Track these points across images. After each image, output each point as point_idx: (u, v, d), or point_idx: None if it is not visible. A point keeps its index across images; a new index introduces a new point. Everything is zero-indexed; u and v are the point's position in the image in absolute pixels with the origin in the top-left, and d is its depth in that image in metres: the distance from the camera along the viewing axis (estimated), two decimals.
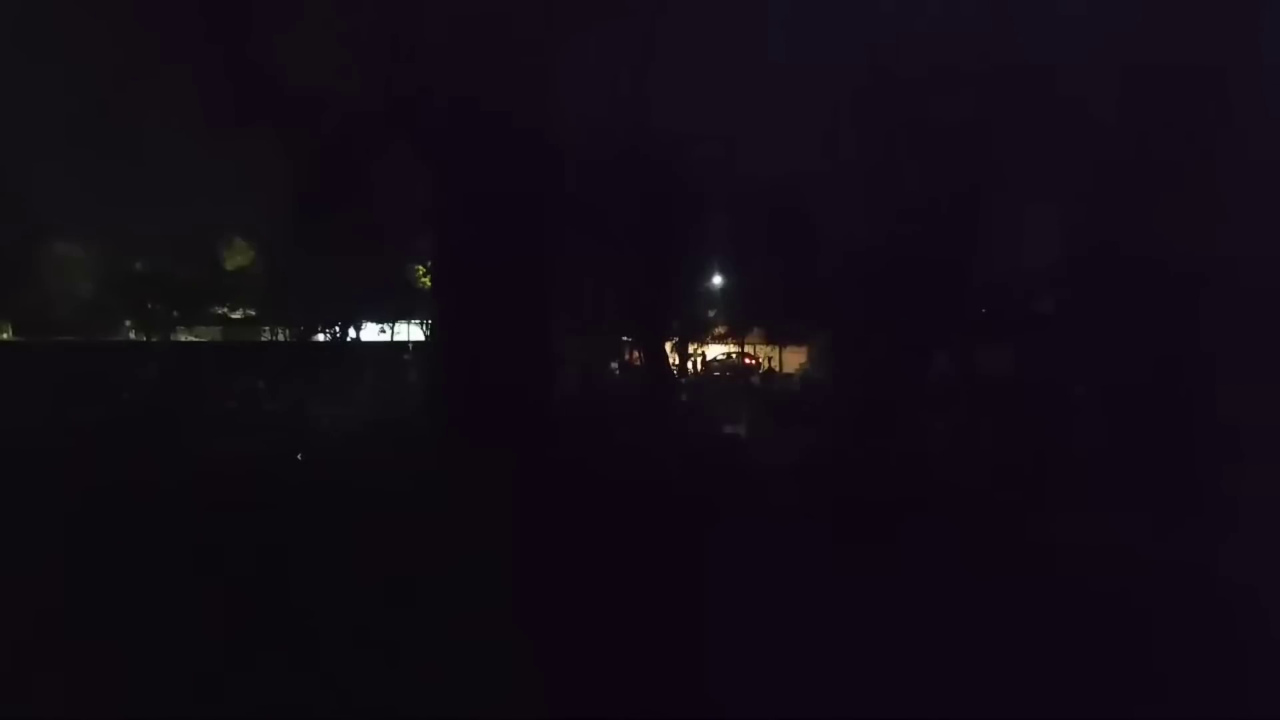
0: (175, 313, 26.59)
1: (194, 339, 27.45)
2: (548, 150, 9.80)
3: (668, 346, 22.98)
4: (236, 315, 28.37)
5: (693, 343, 27.44)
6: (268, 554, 6.19)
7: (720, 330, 29.17)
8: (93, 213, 19.82)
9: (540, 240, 9.85)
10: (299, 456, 10.90)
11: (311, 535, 6.77)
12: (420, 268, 20.37)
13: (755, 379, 26.14)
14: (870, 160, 12.93)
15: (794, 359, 27.65)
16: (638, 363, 21.70)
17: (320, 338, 20.82)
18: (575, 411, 14.32)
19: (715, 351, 30.16)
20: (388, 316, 23.24)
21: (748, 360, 29.55)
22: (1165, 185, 9.87)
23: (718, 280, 26.00)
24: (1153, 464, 9.02)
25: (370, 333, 23.17)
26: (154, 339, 25.14)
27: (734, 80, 12.34)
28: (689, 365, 27.03)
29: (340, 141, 12.07)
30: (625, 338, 22.29)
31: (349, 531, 6.85)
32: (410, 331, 23.40)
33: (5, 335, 25.43)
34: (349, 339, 20.92)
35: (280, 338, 23.71)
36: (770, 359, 29.23)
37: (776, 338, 28.05)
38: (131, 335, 26.42)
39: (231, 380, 16.58)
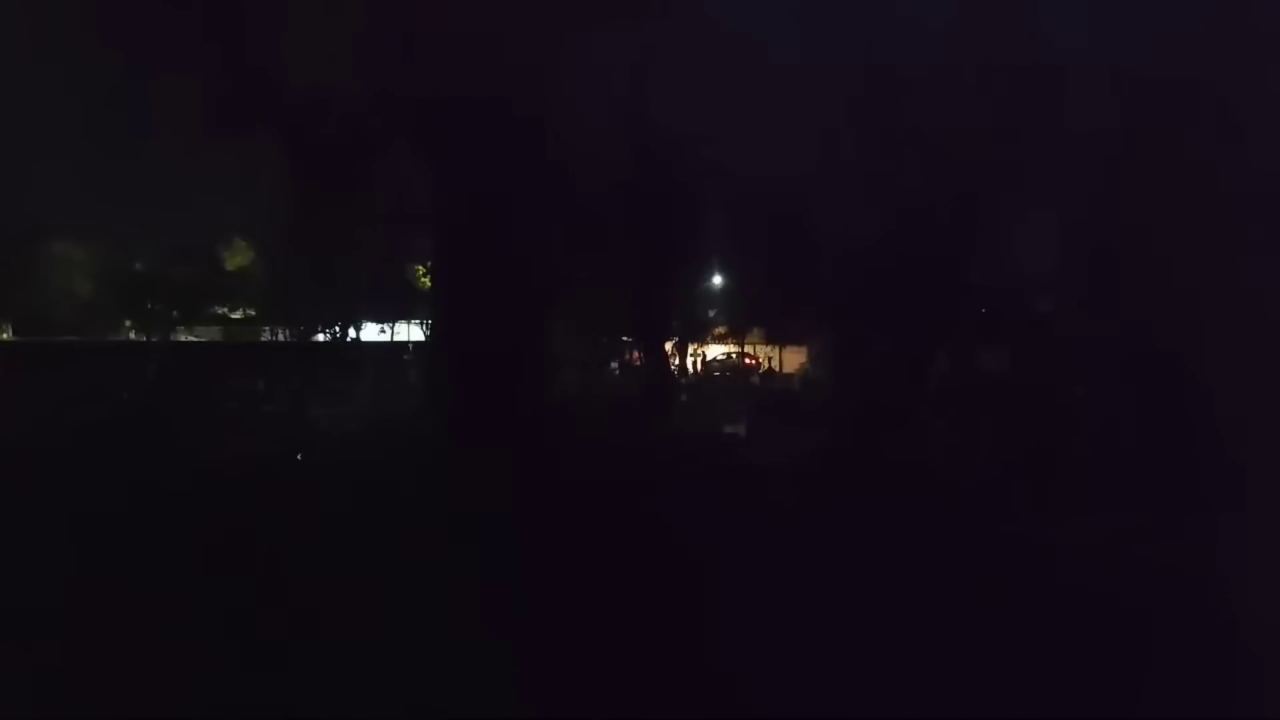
0: (175, 313, 26.64)
1: (194, 339, 27.49)
2: (548, 150, 9.80)
3: (668, 346, 22.99)
4: (236, 315, 28.42)
5: (693, 343, 27.47)
6: (267, 554, 6.19)
7: (720, 330, 29.19)
8: (93, 213, 19.86)
9: (540, 240, 9.86)
10: (299, 457, 10.89)
11: (310, 535, 6.77)
12: (420, 268, 20.39)
13: (755, 379, 26.14)
14: (870, 161, 12.92)
15: (794, 359, 27.65)
16: (638, 363, 21.72)
17: (320, 338, 20.81)
18: (575, 411, 14.32)
19: (715, 351, 30.17)
20: (388, 316, 23.25)
21: (748, 360, 29.55)
22: (1165, 188, 9.87)
23: (718, 280, 25.99)
24: (1152, 464, 9.03)
25: (370, 333, 23.18)
26: (154, 339, 25.15)
27: (734, 81, 12.33)
28: (689, 365, 27.06)
29: (340, 141, 12.07)
30: (625, 338, 22.30)
31: (348, 531, 6.85)
32: (410, 331, 23.42)
33: (5, 335, 25.44)
34: (349, 339, 20.91)
35: (280, 338, 23.73)
36: (770, 359, 29.24)
37: (776, 338, 28.05)
38: (131, 335, 26.45)
39: (231, 380, 16.56)
